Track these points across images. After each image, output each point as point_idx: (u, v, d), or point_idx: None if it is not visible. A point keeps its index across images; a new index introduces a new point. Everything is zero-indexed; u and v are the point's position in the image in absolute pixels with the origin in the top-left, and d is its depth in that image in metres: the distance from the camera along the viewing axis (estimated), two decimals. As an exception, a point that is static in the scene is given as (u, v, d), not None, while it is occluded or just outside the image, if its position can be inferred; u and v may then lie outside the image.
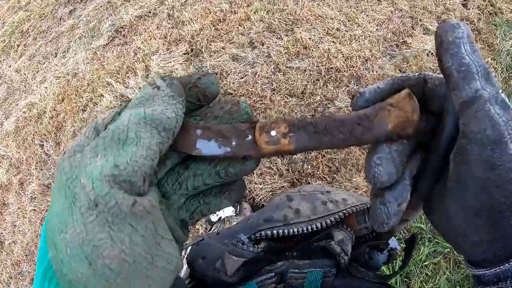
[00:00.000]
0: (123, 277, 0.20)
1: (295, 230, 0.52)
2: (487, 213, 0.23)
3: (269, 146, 0.23)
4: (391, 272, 0.55)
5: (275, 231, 0.52)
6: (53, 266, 0.21)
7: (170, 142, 0.22)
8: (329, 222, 0.53)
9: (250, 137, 0.24)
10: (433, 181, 0.27)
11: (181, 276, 0.58)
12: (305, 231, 0.52)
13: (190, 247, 0.59)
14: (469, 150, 0.22)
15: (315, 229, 0.52)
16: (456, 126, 0.24)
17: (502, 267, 0.24)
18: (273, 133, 0.23)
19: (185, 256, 0.58)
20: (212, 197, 0.27)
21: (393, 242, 0.65)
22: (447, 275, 1.44)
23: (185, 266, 0.59)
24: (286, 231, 0.52)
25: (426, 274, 1.45)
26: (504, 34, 1.99)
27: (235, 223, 0.90)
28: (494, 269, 0.25)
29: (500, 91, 0.22)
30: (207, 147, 0.23)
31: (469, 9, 2.06)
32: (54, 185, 0.22)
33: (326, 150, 1.62)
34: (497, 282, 0.25)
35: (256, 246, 0.50)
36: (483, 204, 0.23)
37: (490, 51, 1.93)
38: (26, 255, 1.78)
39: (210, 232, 0.68)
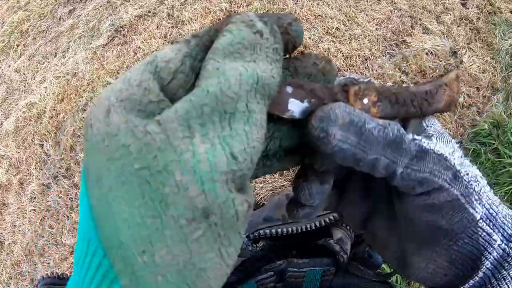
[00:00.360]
0: None
1: (294, 229, 0.52)
2: (440, 243, 0.24)
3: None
4: (392, 270, 0.55)
5: (274, 230, 0.52)
6: None
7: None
8: (328, 221, 0.53)
9: (342, 101, 0.21)
10: (366, 206, 0.28)
11: None
12: (304, 230, 0.52)
13: None
14: (407, 200, 0.23)
15: (314, 227, 0.53)
16: None
17: (466, 285, 0.24)
18: (365, 100, 0.22)
19: None
20: (276, 160, 0.23)
21: None
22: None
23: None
24: (285, 230, 0.52)
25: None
26: (503, 33, 1.99)
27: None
28: None
29: (416, 137, 0.22)
30: (300, 108, 0.20)
31: (468, 8, 2.06)
32: (107, 167, 0.15)
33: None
34: None
35: (255, 245, 0.50)
36: (434, 237, 0.24)
37: (489, 50, 1.93)
38: (26, 255, 1.78)
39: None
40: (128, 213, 0.14)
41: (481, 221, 0.23)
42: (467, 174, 0.23)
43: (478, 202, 0.23)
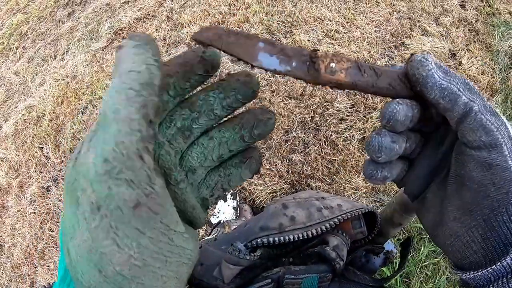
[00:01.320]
0: (137, 281, 0.19)
1: (291, 237, 0.52)
2: (482, 211, 0.25)
3: (327, 74, 0.25)
4: (392, 273, 0.56)
5: (271, 239, 0.52)
6: (70, 272, 0.20)
7: (155, 97, 0.20)
8: (325, 229, 0.54)
9: (309, 64, 0.24)
10: (429, 177, 0.29)
11: None
12: (301, 238, 0.52)
13: None
14: (468, 154, 0.25)
15: (310, 235, 0.53)
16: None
17: (493, 266, 0.25)
18: (332, 64, 0.25)
19: None
20: (233, 168, 0.27)
21: (389, 245, 0.65)
22: (447, 275, 1.45)
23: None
24: (282, 238, 0.52)
25: (426, 274, 1.45)
26: (502, 35, 2.00)
27: (234, 227, 0.91)
28: (483, 271, 0.25)
29: (486, 99, 0.24)
30: (268, 61, 0.23)
31: (467, 10, 2.06)
32: (64, 188, 0.21)
33: (325, 152, 1.63)
34: (487, 285, 0.25)
35: (253, 254, 0.51)
36: (479, 202, 0.25)
37: (488, 51, 1.94)
38: (26, 258, 1.79)
39: (210, 236, 0.68)
40: (67, 211, 0.19)
41: None
42: None
43: None
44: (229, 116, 0.27)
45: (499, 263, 0.24)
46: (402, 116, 0.25)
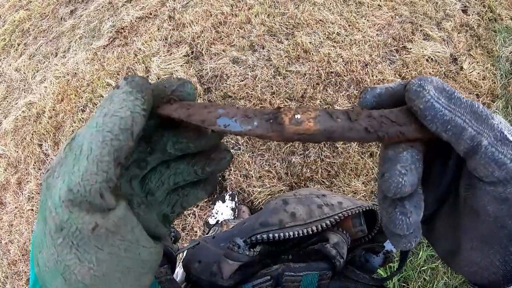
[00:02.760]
0: None
1: (291, 233, 0.52)
2: (500, 241, 0.23)
3: (292, 125, 0.23)
4: (388, 275, 0.55)
5: (270, 235, 0.52)
6: (39, 280, 0.23)
7: (133, 141, 0.21)
8: (325, 226, 0.53)
9: (272, 120, 0.23)
10: (435, 204, 0.27)
11: (177, 279, 0.57)
12: (301, 235, 0.52)
13: (186, 250, 0.59)
14: (481, 188, 0.22)
15: (310, 232, 0.52)
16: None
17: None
18: (297, 116, 0.23)
19: (181, 259, 0.58)
20: (190, 189, 0.28)
21: (389, 245, 0.65)
22: (445, 280, 1.44)
23: (181, 269, 0.59)
24: (281, 234, 0.52)
25: (424, 279, 1.45)
26: (503, 40, 2.00)
27: (232, 226, 0.90)
28: None
29: (496, 122, 0.21)
30: (228, 124, 0.23)
31: (469, 15, 2.06)
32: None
33: (325, 154, 1.63)
34: None
35: (252, 250, 0.50)
36: (496, 233, 0.23)
37: (489, 57, 1.94)
38: (22, 255, 1.78)
39: (207, 235, 0.68)
40: (38, 226, 0.22)
41: None
42: None
43: None
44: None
45: None
46: (409, 187, 0.22)
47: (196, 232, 1.59)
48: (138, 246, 0.23)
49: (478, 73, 1.86)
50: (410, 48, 1.89)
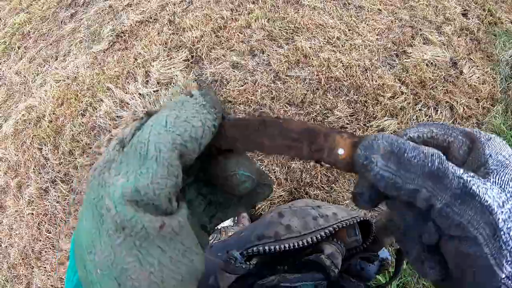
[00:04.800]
0: None
1: (286, 245, 0.53)
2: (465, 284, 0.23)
3: None
4: (387, 280, 0.56)
5: (266, 247, 0.53)
6: (82, 286, 0.21)
7: (197, 153, 0.21)
8: (320, 237, 0.55)
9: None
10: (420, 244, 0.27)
11: None
12: (296, 246, 0.53)
13: None
14: (444, 237, 0.23)
15: (306, 244, 0.54)
16: None
17: None
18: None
19: None
20: (230, 202, 0.28)
21: (384, 253, 0.66)
22: (444, 286, 1.44)
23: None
24: (277, 247, 0.53)
25: (424, 285, 1.45)
26: (503, 44, 2.00)
27: (230, 233, 0.91)
28: None
29: (465, 176, 0.21)
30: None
31: (469, 19, 2.06)
32: (84, 200, 0.22)
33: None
34: None
35: (248, 263, 0.51)
36: (466, 280, 0.23)
37: (489, 61, 1.94)
38: (22, 259, 1.78)
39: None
40: (86, 226, 0.20)
41: (505, 279, 0.22)
42: (510, 232, 0.21)
43: (510, 262, 0.21)
44: None
45: None
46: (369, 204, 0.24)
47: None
48: (192, 252, 0.22)
49: (478, 77, 1.86)
50: (410, 53, 1.89)
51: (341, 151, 0.22)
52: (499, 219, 0.21)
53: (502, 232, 0.21)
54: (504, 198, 0.21)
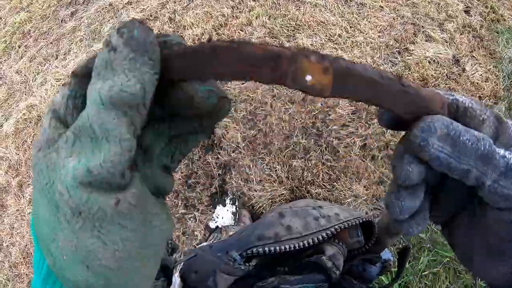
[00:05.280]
0: (122, 270, 0.20)
1: (287, 246, 0.52)
2: (509, 255, 0.25)
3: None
4: (390, 281, 0.56)
5: (266, 249, 0.52)
6: (54, 272, 0.21)
7: (145, 113, 0.20)
8: (321, 238, 0.54)
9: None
10: (455, 209, 0.28)
11: None
12: (297, 248, 0.52)
13: (183, 262, 0.59)
14: (490, 210, 0.24)
15: (306, 245, 0.53)
16: None
17: None
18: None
19: (178, 270, 0.59)
20: (188, 136, 0.26)
21: (386, 254, 0.65)
22: (447, 284, 1.44)
23: (178, 280, 0.59)
24: (277, 248, 0.52)
25: (426, 284, 1.44)
26: (506, 41, 1.98)
27: (231, 233, 0.90)
28: None
29: (507, 154, 0.22)
30: None
31: (472, 16, 2.05)
32: (34, 184, 0.21)
33: (326, 158, 1.62)
34: None
35: (248, 264, 0.51)
36: (503, 250, 0.25)
37: (492, 58, 1.92)
38: (24, 258, 1.79)
39: (205, 244, 0.69)
40: (43, 214, 0.20)
41: None
42: None
43: None
44: None
45: None
46: (416, 176, 0.24)
47: (196, 236, 1.59)
48: (154, 218, 0.22)
49: (481, 74, 1.85)
50: (412, 50, 1.88)
51: (308, 78, 0.20)
52: None
53: None
54: None
